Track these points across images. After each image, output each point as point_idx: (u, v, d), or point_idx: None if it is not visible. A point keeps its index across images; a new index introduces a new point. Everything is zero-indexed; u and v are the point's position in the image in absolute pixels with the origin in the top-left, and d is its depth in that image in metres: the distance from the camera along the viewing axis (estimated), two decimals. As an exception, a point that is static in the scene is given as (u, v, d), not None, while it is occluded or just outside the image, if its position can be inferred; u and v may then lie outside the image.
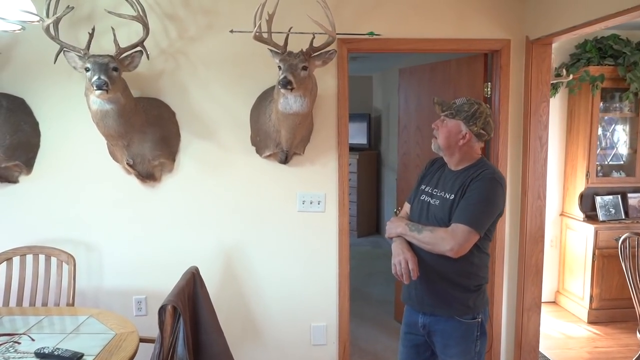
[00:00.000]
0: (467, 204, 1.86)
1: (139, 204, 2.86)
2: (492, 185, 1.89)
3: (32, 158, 2.76)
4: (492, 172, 1.93)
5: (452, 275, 1.93)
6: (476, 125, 1.93)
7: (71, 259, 2.57)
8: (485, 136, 1.98)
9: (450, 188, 1.96)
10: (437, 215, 1.95)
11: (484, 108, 1.97)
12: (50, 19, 2.30)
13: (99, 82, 2.23)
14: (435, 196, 2.01)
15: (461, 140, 1.95)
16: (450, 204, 1.92)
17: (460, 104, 1.97)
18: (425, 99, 3.51)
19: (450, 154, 2.00)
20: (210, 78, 2.81)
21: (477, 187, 1.87)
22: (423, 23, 2.85)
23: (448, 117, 1.98)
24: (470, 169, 1.96)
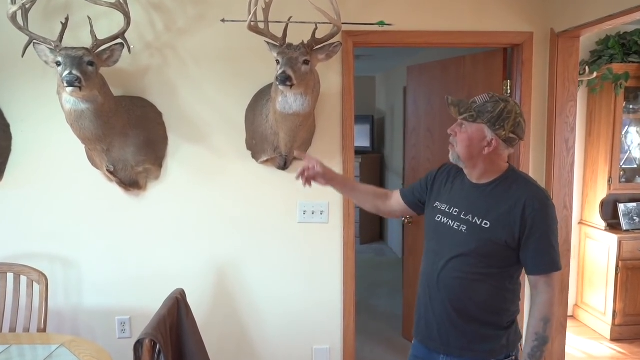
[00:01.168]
0: (547, 245, 1.57)
1: (122, 215, 2.57)
2: (552, 210, 1.60)
3: (3, 164, 2.48)
4: (543, 193, 1.62)
5: (484, 315, 1.64)
6: (504, 128, 1.57)
7: (42, 278, 2.29)
8: (516, 140, 1.62)
9: (481, 211, 1.62)
10: (465, 244, 1.62)
11: (512, 105, 1.60)
12: (16, 5, 2.02)
13: (70, 78, 1.95)
14: (459, 219, 1.66)
15: (486, 149, 1.59)
16: (488, 235, 1.59)
17: (482, 103, 1.60)
18: (437, 99, 3.23)
19: (473, 166, 1.66)
20: (201, 75, 2.53)
21: (544, 220, 1.56)
22: (437, 14, 2.57)
23: (468, 121, 1.61)
24: (504, 186, 1.62)
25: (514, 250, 1.59)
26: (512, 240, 1.57)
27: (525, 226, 1.56)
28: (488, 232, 1.59)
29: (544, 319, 1.57)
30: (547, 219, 1.57)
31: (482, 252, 1.61)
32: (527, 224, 1.55)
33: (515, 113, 1.59)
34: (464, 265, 1.63)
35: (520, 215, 1.56)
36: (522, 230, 1.56)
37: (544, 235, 1.56)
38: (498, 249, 1.59)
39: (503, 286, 1.64)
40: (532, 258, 1.58)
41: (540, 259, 1.57)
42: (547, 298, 1.58)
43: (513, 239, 1.57)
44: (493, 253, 1.61)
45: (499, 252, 1.60)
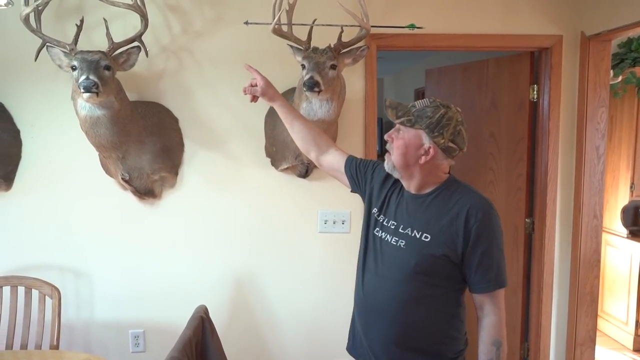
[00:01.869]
0: (491, 260, 1.44)
1: (136, 225, 2.47)
2: (497, 221, 1.47)
3: (12, 172, 2.38)
4: (487, 202, 1.48)
5: (427, 344, 1.50)
6: (443, 136, 1.44)
7: (55, 292, 2.19)
8: (456, 151, 1.48)
9: (421, 224, 1.49)
10: (405, 261, 1.48)
11: (454, 113, 1.47)
12: (29, 7, 1.92)
13: (88, 84, 1.85)
14: (397, 233, 1.52)
15: (423, 157, 1.46)
16: (429, 250, 1.45)
17: (422, 108, 1.47)
18: (457, 104, 3.07)
19: (409, 176, 1.52)
20: (218, 79, 2.43)
21: (487, 231, 1.43)
22: (464, 17, 2.48)
23: (405, 125, 1.48)
24: (444, 196, 1.49)
25: (457, 266, 1.47)
26: (455, 254, 1.45)
27: (469, 239, 1.43)
28: (429, 247, 1.46)
29: (495, 342, 1.45)
30: (491, 230, 1.45)
31: (423, 269, 1.47)
32: (471, 236, 1.43)
33: (455, 120, 1.46)
34: (404, 286, 1.49)
35: (463, 227, 1.43)
36: (466, 243, 1.44)
37: (488, 249, 1.44)
38: (441, 264, 1.46)
39: (449, 310, 1.50)
40: (475, 274, 1.45)
41: (483, 276, 1.45)
42: (495, 320, 1.46)
43: (456, 253, 1.45)
44: (435, 270, 1.47)
45: (442, 269, 1.47)
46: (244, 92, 1.83)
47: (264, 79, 1.81)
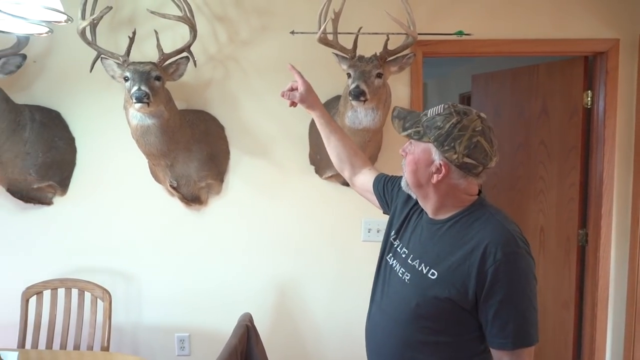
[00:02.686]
0: (512, 311, 1.16)
1: (183, 231, 2.52)
2: (524, 263, 1.18)
3: (67, 177, 2.48)
4: (512, 238, 1.18)
5: None
6: (455, 150, 1.19)
7: (107, 295, 2.26)
8: (477, 167, 1.21)
9: (430, 257, 1.26)
10: (406, 299, 1.25)
11: (470, 120, 1.20)
12: (86, 21, 2.00)
13: (139, 94, 1.90)
14: (405, 264, 1.30)
15: (435, 176, 1.23)
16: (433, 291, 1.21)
17: (432, 117, 1.23)
18: (506, 110, 3.05)
19: (424, 196, 1.29)
20: (264, 87, 2.45)
21: (508, 275, 1.15)
22: (513, 22, 2.41)
23: (413, 139, 1.27)
24: (464, 224, 1.23)
25: (470, 313, 1.21)
26: (464, 299, 1.18)
27: (484, 283, 1.15)
28: (434, 287, 1.21)
29: None
30: (514, 274, 1.15)
31: (425, 312, 1.22)
32: (487, 280, 1.15)
33: (472, 130, 1.19)
34: (403, 328, 1.27)
35: (477, 267, 1.16)
36: (479, 287, 1.16)
37: (508, 298, 1.15)
38: (447, 310, 1.21)
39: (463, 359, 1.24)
40: (491, 327, 1.18)
41: (501, 330, 1.17)
42: None
43: (466, 299, 1.18)
44: (439, 315, 1.22)
45: (450, 315, 1.22)
46: (282, 95, 1.69)
47: (305, 83, 1.67)
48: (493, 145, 1.23)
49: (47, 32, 1.58)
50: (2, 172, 2.27)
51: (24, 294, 2.27)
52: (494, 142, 1.23)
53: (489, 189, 3.15)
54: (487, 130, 1.22)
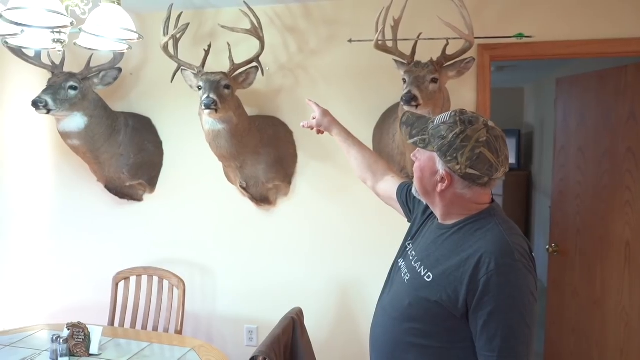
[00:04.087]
0: (500, 323, 1.11)
1: (253, 228, 2.70)
2: (518, 276, 1.12)
3: (155, 177, 2.77)
4: (510, 249, 1.14)
5: None
6: (457, 160, 1.16)
7: (181, 284, 2.49)
8: (481, 178, 1.17)
9: (430, 260, 1.24)
10: (401, 297, 1.26)
11: (475, 131, 1.16)
12: (167, 36, 2.24)
13: (208, 101, 2.10)
14: (409, 265, 1.30)
15: (440, 185, 1.21)
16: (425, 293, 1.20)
17: (437, 125, 1.21)
18: (591, 115, 2.86)
19: (432, 203, 1.29)
20: (330, 94, 2.56)
21: (499, 287, 1.11)
22: (588, 21, 2.28)
23: (418, 146, 1.25)
24: (467, 231, 1.21)
25: (461, 321, 1.17)
26: (454, 306, 1.15)
27: (475, 292, 1.12)
28: (426, 289, 1.20)
29: None
30: (506, 288, 1.10)
31: (415, 314, 1.21)
32: (478, 289, 1.11)
33: (475, 141, 1.15)
34: (396, 327, 1.27)
35: (470, 276, 1.13)
36: (470, 296, 1.13)
37: (497, 311, 1.10)
38: (437, 314, 1.18)
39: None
40: (479, 338, 1.14)
41: (487, 342, 1.12)
42: None
43: (455, 306, 1.15)
44: (430, 318, 1.20)
45: (439, 319, 1.19)
46: (302, 125, 1.81)
47: (320, 109, 1.76)
48: (499, 156, 1.18)
49: (127, 49, 1.81)
50: (100, 171, 2.60)
51: (114, 278, 2.58)
52: (501, 152, 1.18)
53: (571, 198, 2.98)
54: (493, 141, 1.17)
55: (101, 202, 2.83)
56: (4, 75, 2.91)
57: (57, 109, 2.28)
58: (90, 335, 2.07)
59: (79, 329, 2.05)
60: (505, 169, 1.20)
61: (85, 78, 2.41)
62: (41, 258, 2.97)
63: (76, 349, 2.04)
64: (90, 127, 2.42)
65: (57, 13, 1.41)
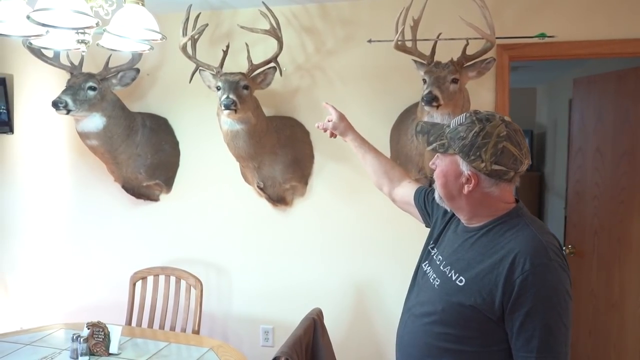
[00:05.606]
0: (538, 325, 1.11)
1: (270, 229, 2.70)
2: (554, 275, 1.12)
3: (172, 177, 2.77)
4: (544, 248, 1.14)
5: None
6: (482, 158, 1.17)
7: (199, 284, 2.49)
8: (508, 173, 1.18)
9: (461, 264, 1.24)
10: (432, 302, 1.25)
11: (493, 126, 1.17)
12: (186, 37, 2.25)
13: (227, 102, 2.10)
14: (438, 270, 1.29)
15: (466, 187, 1.21)
16: (459, 297, 1.19)
17: (455, 127, 1.22)
18: (609, 116, 2.83)
19: (457, 208, 1.29)
20: (347, 94, 2.55)
21: (536, 287, 1.11)
22: (608, 21, 2.26)
23: (438, 152, 1.26)
24: (497, 232, 1.21)
25: (496, 324, 1.17)
26: (490, 309, 1.15)
27: (511, 293, 1.12)
28: (460, 293, 1.19)
29: None
30: (542, 287, 1.11)
31: (449, 319, 1.21)
32: (514, 290, 1.12)
33: (496, 136, 1.16)
34: (427, 333, 1.26)
35: (505, 277, 1.13)
36: (506, 298, 1.13)
37: (534, 310, 1.11)
38: (471, 318, 1.18)
39: None
40: (516, 340, 1.14)
41: (525, 343, 1.12)
42: None
43: (492, 308, 1.15)
44: (464, 323, 1.20)
45: (474, 324, 1.18)
46: (317, 127, 1.82)
47: (337, 112, 1.76)
48: (522, 149, 1.19)
49: (149, 49, 1.81)
50: (118, 171, 2.62)
51: (132, 278, 2.59)
52: (522, 145, 1.19)
53: (589, 199, 2.95)
54: (513, 134, 1.19)
55: (118, 202, 2.85)
56: (22, 76, 2.94)
57: (76, 110, 2.29)
58: (110, 335, 2.07)
59: (98, 328, 2.06)
60: (529, 161, 1.21)
61: (104, 79, 2.42)
62: (58, 257, 2.99)
63: (96, 348, 2.05)
64: (108, 128, 2.43)
65: (82, 14, 1.42)
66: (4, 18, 1.51)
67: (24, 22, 1.49)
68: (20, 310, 3.05)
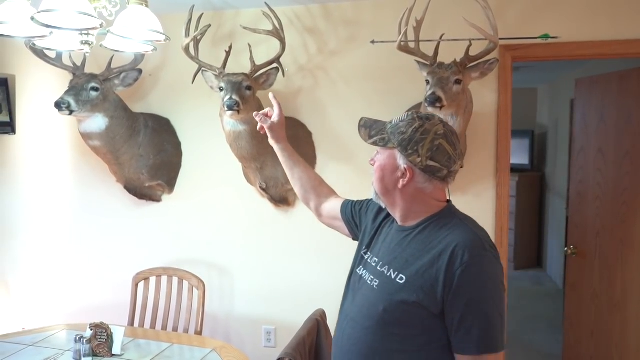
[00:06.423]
0: (478, 315, 1.15)
1: (271, 230, 2.70)
2: (492, 266, 1.19)
3: (174, 178, 2.77)
4: (480, 241, 1.19)
5: None
6: (418, 153, 1.21)
7: (201, 285, 2.49)
8: (441, 171, 1.23)
9: (399, 262, 1.25)
10: (373, 304, 1.25)
11: (432, 124, 1.23)
12: (189, 38, 2.25)
13: (230, 103, 2.11)
14: (375, 271, 1.30)
15: (401, 181, 1.25)
16: (401, 295, 1.20)
17: (396, 124, 1.27)
18: (612, 116, 2.83)
19: (392, 203, 1.31)
20: (350, 95, 2.55)
21: (475, 278, 1.16)
22: (611, 22, 2.25)
23: (378, 146, 1.29)
24: (433, 229, 1.25)
25: (438, 318, 1.19)
26: (433, 303, 1.18)
27: (452, 285, 1.15)
28: (402, 291, 1.21)
29: None
30: (481, 278, 1.16)
31: (392, 318, 1.22)
32: (454, 282, 1.15)
33: (434, 134, 1.22)
34: (369, 336, 1.25)
35: (445, 270, 1.16)
36: (447, 290, 1.16)
37: (474, 302, 1.15)
38: (415, 315, 1.20)
39: None
40: (457, 330, 1.17)
41: (466, 333, 1.16)
42: None
43: (435, 303, 1.18)
44: (408, 321, 1.21)
45: (417, 321, 1.21)
46: (254, 115, 1.65)
47: (281, 115, 1.64)
48: (456, 149, 1.25)
49: (152, 50, 1.81)
50: (120, 171, 2.62)
51: (134, 278, 2.59)
52: (457, 146, 1.26)
53: (591, 200, 2.95)
54: (450, 134, 1.25)
55: (120, 203, 2.84)
56: (24, 77, 2.93)
57: (79, 110, 2.29)
58: (112, 336, 2.07)
59: (101, 329, 2.06)
60: (461, 162, 1.28)
61: (107, 79, 2.42)
62: (60, 258, 2.99)
63: (99, 349, 2.05)
64: (111, 128, 2.43)
65: (87, 15, 1.42)
66: (8, 19, 1.51)
67: (27, 23, 1.48)
68: (22, 311, 3.04)
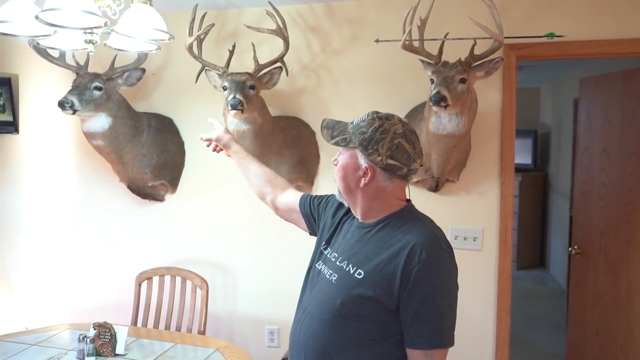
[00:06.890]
0: (431, 311, 1.20)
1: (275, 229, 2.67)
2: (447, 265, 1.25)
3: (177, 177, 2.77)
4: (437, 240, 1.25)
5: None
6: (378, 152, 1.25)
7: (204, 284, 2.49)
8: (401, 169, 1.27)
9: (358, 258, 1.29)
10: (331, 298, 1.28)
11: (392, 124, 1.27)
12: (192, 37, 2.24)
13: (234, 102, 2.10)
14: (334, 266, 1.34)
15: (362, 179, 1.29)
16: (359, 290, 1.24)
17: (357, 124, 1.31)
18: (616, 116, 2.82)
19: (353, 202, 1.35)
20: (354, 94, 2.54)
21: (431, 275, 1.20)
22: (617, 21, 2.24)
23: (340, 146, 1.34)
24: (392, 227, 1.29)
25: (393, 313, 1.24)
26: (389, 299, 1.22)
27: (408, 282, 1.20)
28: (360, 286, 1.24)
29: None
30: (437, 275, 1.21)
31: (349, 311, 1.25)
32: (410, 279, 1.19)
33: (393, 133, 1.26)
34: (326, 329, 1.28)
35: (402, 267, 1.20)
36: (403, 287, 1.21)
37: (429, 297, 1.20)
38: (371, 309, 1.24)
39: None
40: (410, 325, 1.22)
41: (419, 328, 1.20)
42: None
43: (390, 298, 1.22)
44: (364, 315, 1.25)
45: (374, 315, 1.25)
46: (201, 138, 1.83)
47: (221, 128, 1.80)
48: (415, 148, 1.29)
49: (156, 49, 1.81)
50: (123, 171, 2.61)
51: (137, 278, 2.59)
52: (416, 145, 1.30)
53: (595, 200, 2.94)
54: (409, 133, 1.29)
55: (123, 202, 2.84)
56: (27, 76, 2.93)
57: (82, 110, 2.29)
58: (116, 335, 2.07)
59: (105, 328, 2.06)
60: (421, 161, 1.31)
61: (110, 79, 2.42)
62: (63, 257, 2.98)
63: (102, 349, 2.05)
64: (114, 128, 2.43)
65: (91, 14, 1.41)
66: (12, 18, 1.51)
67: (31, 22, 1.48)
68: (25, 311, 3.04)
